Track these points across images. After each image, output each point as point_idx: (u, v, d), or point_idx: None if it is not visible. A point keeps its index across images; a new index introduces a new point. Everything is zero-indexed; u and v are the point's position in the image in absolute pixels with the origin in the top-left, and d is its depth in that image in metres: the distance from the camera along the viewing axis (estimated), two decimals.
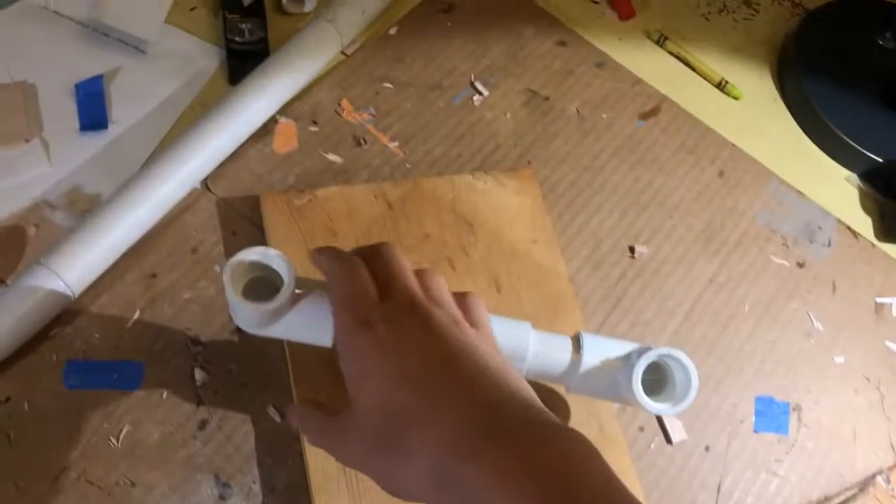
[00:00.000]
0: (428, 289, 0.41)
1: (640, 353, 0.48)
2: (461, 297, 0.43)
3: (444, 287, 0.42)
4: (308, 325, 0.46)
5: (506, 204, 0.62)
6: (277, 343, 0.54)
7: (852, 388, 0.61)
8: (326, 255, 0.43)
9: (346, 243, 0.57)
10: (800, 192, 0.70)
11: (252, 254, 0.45)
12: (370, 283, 0.41)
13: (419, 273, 0.42)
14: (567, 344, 0.49)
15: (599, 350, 0.49)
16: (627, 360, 0.49)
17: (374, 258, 0.42)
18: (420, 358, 0.37)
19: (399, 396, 0.36)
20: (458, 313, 0.41)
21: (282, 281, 0.44)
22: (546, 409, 0.36)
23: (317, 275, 0.45)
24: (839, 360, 0.62)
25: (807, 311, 0.64)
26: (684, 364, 0.48)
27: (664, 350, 0.47)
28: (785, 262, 0.66)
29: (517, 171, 0.64)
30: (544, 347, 0.48)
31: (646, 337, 0.60)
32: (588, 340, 0.49)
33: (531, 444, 0.33)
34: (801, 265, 0.66)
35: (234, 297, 0.43)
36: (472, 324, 0.41)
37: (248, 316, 0.45)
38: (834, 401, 0.61)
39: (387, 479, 0.37)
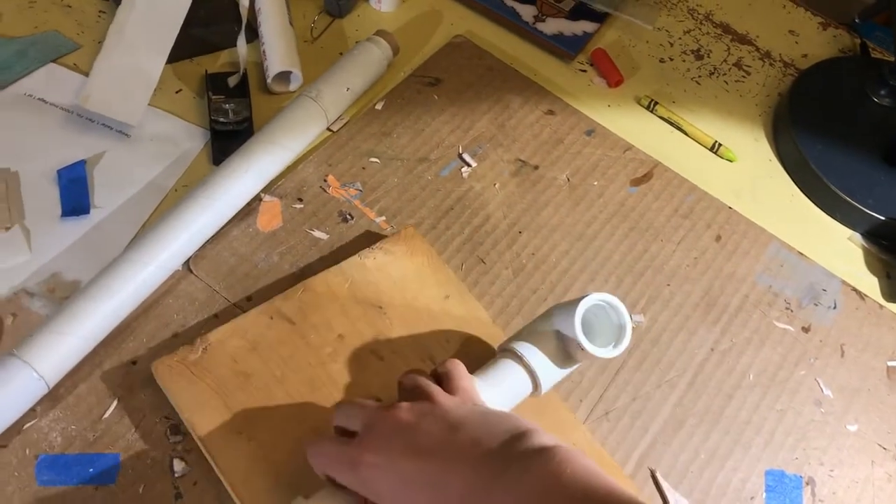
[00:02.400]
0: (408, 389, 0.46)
1: (564, 309, 0.50)
2: (443, 369, 0.48)
3: (418, 378, 0.47)
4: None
5: (402, 271, 0.59)
6: None
7: (868, 458, 0.58)
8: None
9: (263, 379, 0.53)
10: (801, 254, 0.68)
11: (597, 298, 0.50)
12: (339, 436, 0.46)
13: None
14: (509, 367, 0.51)
15: (532, 342, 0.51)
16: (561, 319, 0.50)
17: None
18: (411, 461, 0.41)
19: (407, 497, 0.40)
20: (431, 392, 0.45)
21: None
22: (532, 430, 0.40)
23: None
24: (852, 428, 0.59)
25: (815, 378, 0.61)
26: (615, 306, 0.50)
27: (596, 296, 0.50)
28: (789, 327, 0.63)
29: (399, 234, 0.61)
30: (498, 387, 0.50)
31: (646, 410, 0.58)
32: (523, 347, 0.51)
33: (518, 479, 0.37)
34: (806, 330, 0.64)
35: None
36: (452, 390, 0.46)
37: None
38: (850, 473, 0.58)
39: None
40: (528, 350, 0.50)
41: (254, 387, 0.52)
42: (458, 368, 0.48)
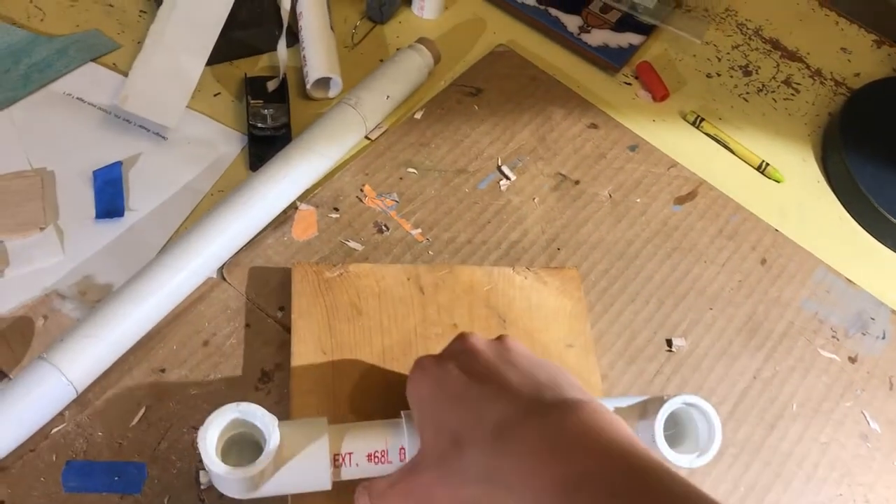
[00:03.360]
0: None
1: (656, 404, 0.45)
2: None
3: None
4: (303, 474, 0.43)
5: (543, 303, 0.58)
6: None
7: None
8: None
9: (370, 322, 0.55)
10: (849, 280, 0.65)
11: (230, 412, 0.42)
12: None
13: None
14: None
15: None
16: (644, 415, 0.46)
17: None
18: (460, 377, 0.42)
19: (448, 416, 0.41)
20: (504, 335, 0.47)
21: (262, 435, 0.41)
22: (575, 387, 0.41)
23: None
24: None
25: (861, 411, 0.59)
26: (705, 411, 0.45)
27: (686, 398, 0.45)
28: (835, 357, 0.61)
29: (561, 270, 0.60)
30: None
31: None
32: None
33: (544, 423, 0.38)
34: (853, 360, 0.61)
35: (215, 466, 0.40)
36: None
37: (231, 484, 0.42)
38: None
39: (442, 488, 0.40)
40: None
41: (359, 323, 0.55)
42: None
